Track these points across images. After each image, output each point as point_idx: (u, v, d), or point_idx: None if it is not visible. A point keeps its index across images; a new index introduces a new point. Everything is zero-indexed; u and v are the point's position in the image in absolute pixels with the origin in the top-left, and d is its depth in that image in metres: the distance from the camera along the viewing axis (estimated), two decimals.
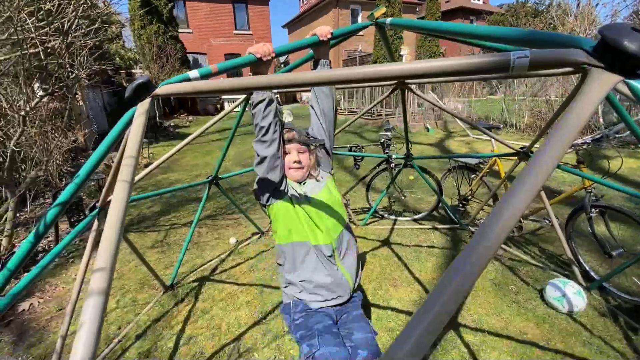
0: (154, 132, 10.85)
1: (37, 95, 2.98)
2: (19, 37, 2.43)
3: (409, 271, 2.87)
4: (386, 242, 3.41)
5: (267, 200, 1.44)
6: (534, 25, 11.53)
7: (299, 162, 1.45)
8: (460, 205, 3.74)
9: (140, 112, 0.93)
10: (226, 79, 0.92)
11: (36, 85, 3.43)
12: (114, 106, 11.30)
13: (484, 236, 0.45)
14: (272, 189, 1.41)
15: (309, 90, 1.57)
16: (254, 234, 3.70)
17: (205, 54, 18.52)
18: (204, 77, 1.10)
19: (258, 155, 1.38)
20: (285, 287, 1.52)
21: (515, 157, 2.77)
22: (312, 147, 1.50)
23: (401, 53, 18.52)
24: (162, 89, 0.97)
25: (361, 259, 3.07)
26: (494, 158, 3.29)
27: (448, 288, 0.41)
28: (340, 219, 1.49)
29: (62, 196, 0.95)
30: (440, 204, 3.79)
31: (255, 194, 1.47)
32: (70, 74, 2.84)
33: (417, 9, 23.99)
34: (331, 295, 1.44)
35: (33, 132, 3.23)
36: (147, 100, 0.97)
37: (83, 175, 0.95)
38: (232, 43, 18.99)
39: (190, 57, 17.05)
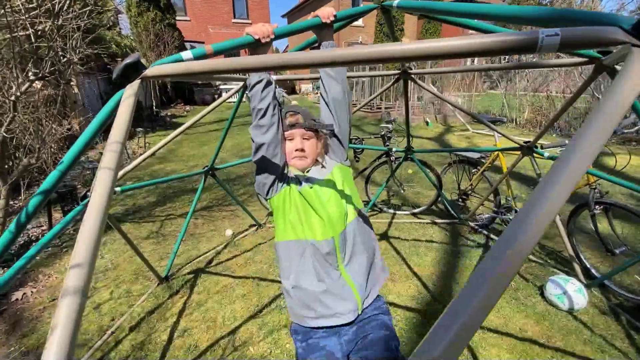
0: (150, 122, 10.70)
1: (29, 80, 2.87)
2: (9, 19, 2.33)
3: (407, 266, 2.84)
4: (384, 236, 3.37)
5: (268, 193, 1.28)
6: None
7: (302, 150, 1.28)
8: (460, 200, 3.69)
9: (128, 94, 0.86)
10: (221, 59, 0.86)
11: (30, 72, 3.31)
12: (110, 94, 11.11)
13: (512, 241, 0.40)
14: (273, 180, 1.24)
15: (308, 81, 1.45)
16: (251, 226, 3.65)
17: (203, 42, 18.19)
18: (198, 58, 1.03)
19: (254, 141, 1.21)
20: (285, 298, 1.31)
21: (519, 152, 2.72)
22: (320, 133, 1.32)
23: None
24: (152, 70, 0.90)
25: None
26: (496, 152, 3.24)
27: (474, 298, 0.35)
28: (348, 212, 1.26)
29: (45, 184, 0.88)
30: (439, 199, 3.75)
31: (257, 187, 1.30)
32: (62, 57, 2.74)
33: None
34: (327, 311, 1.18)
35: (25, 118, 3.14)
36: (137, 82, 0.90)
37: (67, 161, 0.89)
38: (230, 32, 18.66)
39: (187, 45, 16.77)
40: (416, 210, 3.92)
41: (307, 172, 1.32)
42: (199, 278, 2.74)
